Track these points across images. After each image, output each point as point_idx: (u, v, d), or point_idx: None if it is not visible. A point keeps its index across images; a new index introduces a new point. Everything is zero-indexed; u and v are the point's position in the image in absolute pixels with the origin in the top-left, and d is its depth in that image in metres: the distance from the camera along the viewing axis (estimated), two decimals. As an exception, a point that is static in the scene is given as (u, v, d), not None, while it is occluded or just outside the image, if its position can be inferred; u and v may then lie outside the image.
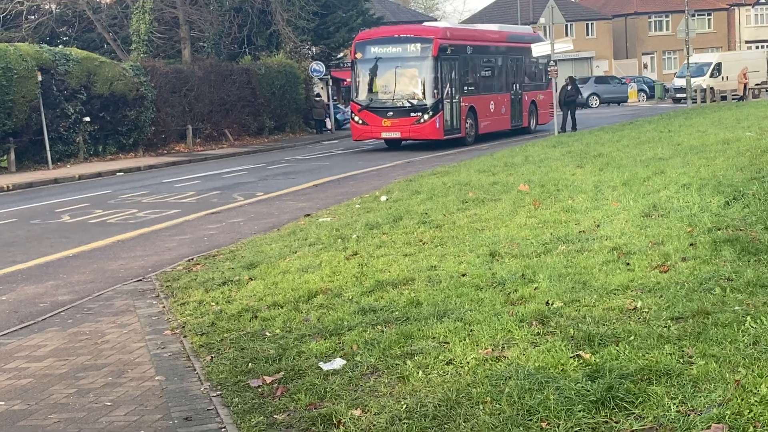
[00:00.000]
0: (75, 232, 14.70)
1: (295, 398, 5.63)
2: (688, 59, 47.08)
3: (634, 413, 4.84)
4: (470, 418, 4.99)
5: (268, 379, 6.02)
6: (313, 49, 44.83)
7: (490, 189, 14.29)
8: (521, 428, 4.79)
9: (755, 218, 9.59)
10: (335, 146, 33.10)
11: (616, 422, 4.76)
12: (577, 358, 5.69)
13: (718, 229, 9.25)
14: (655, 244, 8.86)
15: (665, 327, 6.16)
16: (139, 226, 15.00)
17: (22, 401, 6.20)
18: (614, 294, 7.18)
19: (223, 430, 5.35)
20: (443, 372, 5.78)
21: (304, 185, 19.92)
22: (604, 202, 11.85)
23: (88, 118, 29.21)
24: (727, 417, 4.62)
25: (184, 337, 7.42)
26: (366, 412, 5.24)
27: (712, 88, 49.74)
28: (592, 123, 35.84)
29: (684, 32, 43.92)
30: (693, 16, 56.33)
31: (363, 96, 28.80)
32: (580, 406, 4.94)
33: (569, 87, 33.73)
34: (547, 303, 7.03)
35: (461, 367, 5.82)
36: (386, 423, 5.04)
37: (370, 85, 28.74)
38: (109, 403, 6.01)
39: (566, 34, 65.95)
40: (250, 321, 7.57)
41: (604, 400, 4.98)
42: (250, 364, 6.38)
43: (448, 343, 6.28)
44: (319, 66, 40.77)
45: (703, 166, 14.50)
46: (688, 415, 4.72)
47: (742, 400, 4.79)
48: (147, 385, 6.35)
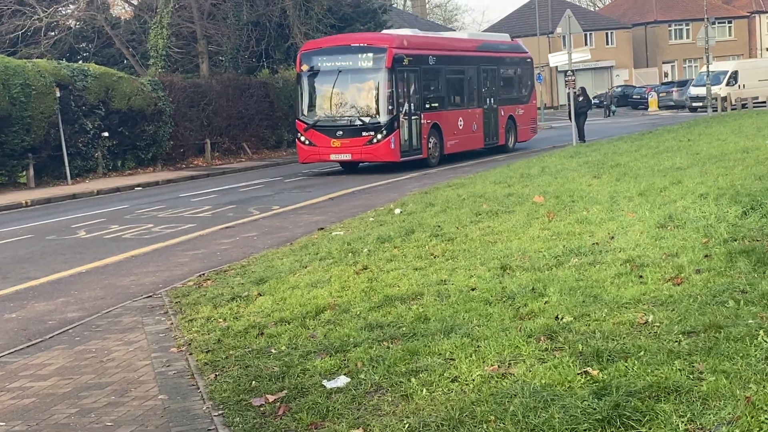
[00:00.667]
0: (90, 248, 14.68)
1: (297, 417, 5.53)
2: (708, 67, 46.77)
3: (640, 432, 4.71)
4: (473, 438, 4.87)
5: (271, 398, 5.92)
6: (331, 62, 44.78)
7: (504, 201, 14.17)
8: (524, 448, 4.67)
9: (772, 228, 9.42)
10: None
11: (622, 442, 4.63)
12: (584, 375, 5.56)
13: (734, 240, 9.09)
14: (670, 256, 8.71)
15: (676, 342, 6.02)
16: (153, 241, 14.97)
17: (23, 422, 6.13)
18: (625, 308, 7.04)
19: (223, 450, 5.26)
20: (448, 390, 5.66)
21: (319, 198, 19.87)
22: (619, 213, 11.70)
23: (106, 134, 29.31)
24: (736, 436, 4.49)
25: (190, 354, 7.34)
26: (367, 432, 5.14)
27: (728, 97, 49.39)
28: (612, 132, 35.67)
29: (703, 40, 43.66)
30: (713, 23, 56.06)
31: (309, 113, 25.84)
32: (586, 425, 4.81)
33: (581, 98, 32.30)
34: (557, 317, 6.90)
35: (466, 385, 5.70)
36: (387, 443, 4.94)
37: (318, 102, 25.80)
38: (110, 424, 5.94)
39: (585, 44, 65.78)
40: (256, 338, 7.48)
41: (611, 419, 4.85)
42: (253, 382, 6.29)
43: (453, 360, 6.17)
44: (337, 79, 40.70)
45: (721, 176, 14.32)
46: (696, 434, 4.59)
47: (752, 417, 4.65)
48: (149, 404, 6.27)
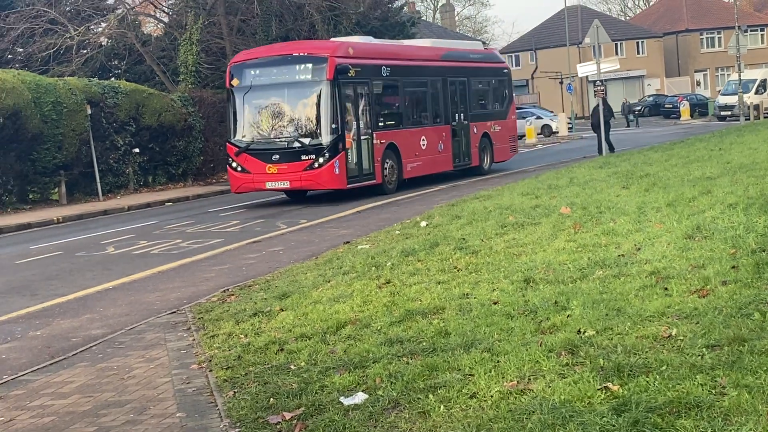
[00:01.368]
0: (118, 264, 14.74)
1: (313, 435, 5.49)
2: (740, 75, 46.35)
3: (659, 449, 4.61)
4: (489, 456, 4.80)
5: (288, 415, 5.88)
6: (360, 75, 44.83)
7: (531, 212, 14.06)
8: (541, 466, 4.59)
9: (801, 238, 9.26)
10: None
11: (641, 459, 4.54)
12: (604, 390, 5.47)
13: (763, 251, 8.93)
14: (696, 267, 8.57)
15: (699, 355, 5.91)
16: (181, 256, 15.01)
17: (42, 440, 6.13)
18: (649, 321, 6.93)
19: (238, 469, 5.21)
20: (465, 406, 5.59)
21: (347, 212, 19.86)
22: (646, 224, 11.56)
23: (137, 150, 29.54)
24: (757, 453, 4.38)
25: (210, 371, 7.32)
26: (383, 450, 5.08)
27: (757, 105, 48.89)
28: (644, 142, 35.41)
29: (735, 48, 43.29)
30: (744, 32, 55.58)
31: (241, 135, 22.29)
32: (604, 442, 4.72)
33: (602, 108, 30.21)
34: (579, 331, 6.81)
35: (484, 401, 5.63)
36: (402, 461, 4.87)
37: (251, 121, 22.28)
38: (127, 442, 5.92)
39: (616, 53, 65.47)
40: (276, 354, 7.45)
41: (629, 436, 4.76)
42: (271, 399, 6.25)
43: (472, 376, 6.09)
44: (366, 92, 40.76)
45: (751, 185, 14.12)
46: (717, 451, 4.49)
47: (775, 434, 4.54)
48: (167, 422, 6.25)
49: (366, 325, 7.91)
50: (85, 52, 37.90)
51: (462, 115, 27.04)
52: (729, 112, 49.99)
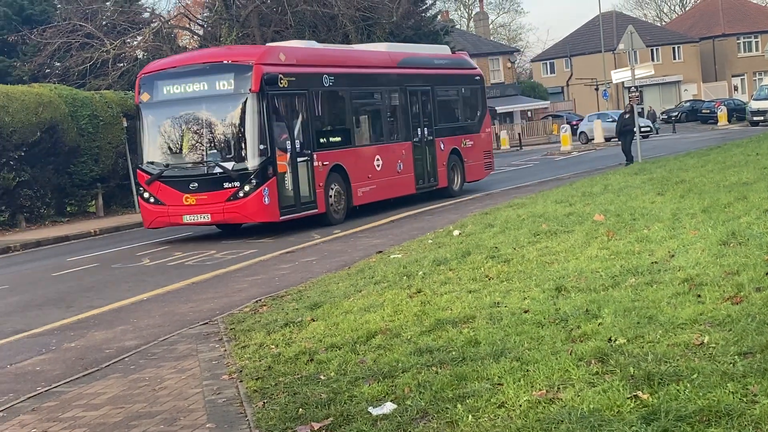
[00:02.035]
0: (153, 275, 14.85)
1: (341, 445, 5.48)
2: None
3: (689, 459, 4.55)
4: (516, 466, 4.76)
5: (316, 426, 5.88)
6: (394, 85, 44.87)
7: (564, 220, 13.98)
8: (568, 476, 4.55)
9: (838, 244, 9.12)
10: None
11: (670, 469, 4.48)
12: (634, 399, 5.42)
13: (798, 257, 8.82)
14: (730, 274, 8.47)
15: (731, 363, 5.84)
16: (215, 267, 15.09)
17: (73, 451, 6.18)
18: (681, 329, 6.86)
19: (266, 479, 5.21)
20: (494, 416, 5.56)
21: (381, 221, 19.86)
22: (681, 231, 11.46)
23: (172, 162, 29.71)
24: (788, 462, 4.31)
25: (240, 381, 7.34)
26: (410, 460, 5.06)
27: None
28: (680, 148, 35.11)
29: (771, 52, 42.83)
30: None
31: (153, 159, 18.95)
32: (632, 452, 4.67)
33: (627, 115, 29.70)
34: (610, 340, 6.75)
35: (513, 411, 5.59)
36: (429, 472, 4.85)
37: (164, 143, 19.00)
38: (157, 452, 5.94)
39: (651, 59, 65.06)
40: (306, 364, 7.45)
41: (658, 445, 4.71)
42: (300, 410, 6.25)
43: (501, 385, 6.06)
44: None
45: (788, 190, 13.96)
46: (748, 461, 4.42)
47: (807, 443, 4.47)
48: (197, 432, 6.27)
49: (396, 335, 7.89)
50: (121, 65, 38.31)
51: (426, 129, 23.66)
52: (762, 117, 49.39)
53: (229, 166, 18.17)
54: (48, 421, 6.97)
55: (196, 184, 18.32)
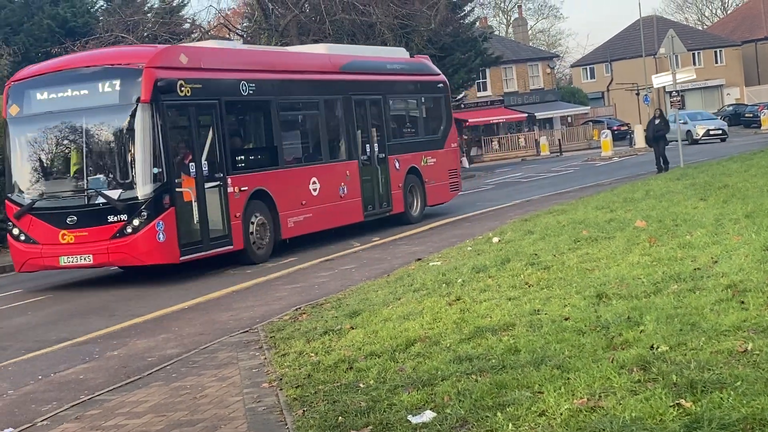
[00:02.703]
0: (194, 284, 14.92)
1: (380, 454, 5.47)
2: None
3: (733, 468, 4.49)
4: (557, 475, 4.72)
5: (356, 434, 5.88)
6: (433, 92, 44.88)
7: (605, 227, 13.88)
8: (610, 486, 4.51)
9: None
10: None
11: (713, 478, 4.42)
12: (677, 407, 5.36)
13: (844, 262, 8.69)
14: (774, 280, 8.36)
15: (776, 371, 5.75)
16: (255, 275, 15.15)
17: (115, 459, 6.23)
18: (724, 336, 6.78)
19: (306, 488, 5.22)
20: (534, 424, 5.52)
21: (420, 228, 19.86)
22: (724, 237, 11.33)
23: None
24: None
25: (280, 389, 7.36)
26: (450, 469, 5.04)
27: None
28: (723, 152, 34.73)
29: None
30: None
31: (24, 187, 15.55)
32: (675, 461, 4.62)
33: (657, 120, 28.52)
34: (652, 347, 6.68)
35: (553, 419, 5.55)
36: (469, 480, 4.83)
37: (37, 167, 15.60)
38: (197, 461, 5.97)
39: (693, 63, 64.51)
40: (345, 372, 7.46)
41: (701, 454, 4.65)
42: (339, 418, 6.25)
43: (542, 393, 6.01)
44: (438, 108, 40.76)
45: (833, 194, 13.76)
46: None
47: None
48: (237, 440, 6.30)
49: (435, 343, 7.87)
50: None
51: (376, 146, 20.30)
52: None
53: (115, 195, 14.66)
54: (91, 430, 7.03)
55: (75, 218, 14.82)
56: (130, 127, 14.63)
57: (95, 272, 17.24)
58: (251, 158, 17.17)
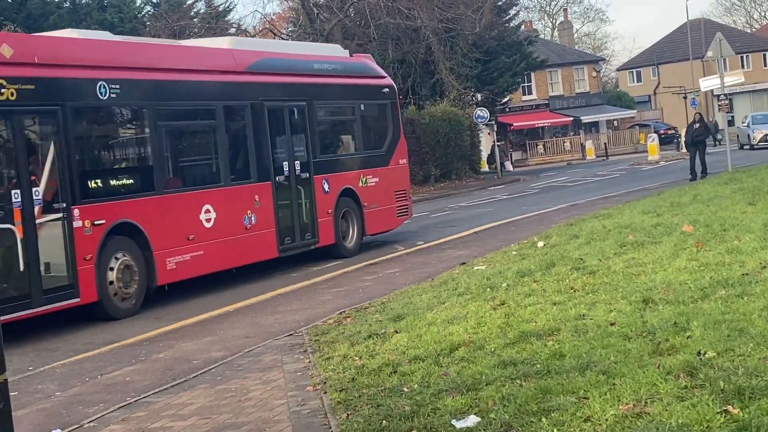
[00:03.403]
0: (239, 287, 15.00)
1: (424, 458, 5.46)
2: None
3: (782, 477, 4.43)
4: (602, 481, 4.69)
5: (399, 438, 5.88)
6: (477, 96, 44.89)
7: (651, 231, 13.75)
8: (656, 493, 4.46)
9: None
10: (500, 191, 32.90)
11: (762, 487, 4.36)
12: (724, 414, 5.29)
13: None
14: (825, 286, 8.23)
15: (826, 378, 5.66)
16: (299, 279, 15.22)
17: (161, 460, 6.28)
18: (773, 342, 6.68)
19: (349, 491, 5.22)
20: (580, 430, 5.48)
21: (464, 233, 19.80)
22: (773, 242, 11.17)
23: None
24: None
25: (324, 393, 7.38)
26: (494, 474, 5.02)
27: None
28: (770, 157, 34.25)
29: None
30: None
31: None
32: (723, 469, 4.56)
33: (697, 125, 28.12)
34: (699, 353, 6.60)
35: (599, 425, 5.50)
36: (513, 486, 4.80)
37: None
38: (242, 463, 6.01)
39: (742, 66, 63.72)
40: (389, 376, 7.46)
41: (750, 462, 4.58)
42: (383, 422, 6.25)
43: (587, 399, 5.97)
44: (483, 112, 40.82)
45: None
46: None
47: None
48: (281, 443, 6.32)
49: (479, 347, 7.85)
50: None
51: (297, 163, 16.51)
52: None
53: None
54: (137, 431, 7.10)
55: None
56: None
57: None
58: (112, 182, 13.34)
